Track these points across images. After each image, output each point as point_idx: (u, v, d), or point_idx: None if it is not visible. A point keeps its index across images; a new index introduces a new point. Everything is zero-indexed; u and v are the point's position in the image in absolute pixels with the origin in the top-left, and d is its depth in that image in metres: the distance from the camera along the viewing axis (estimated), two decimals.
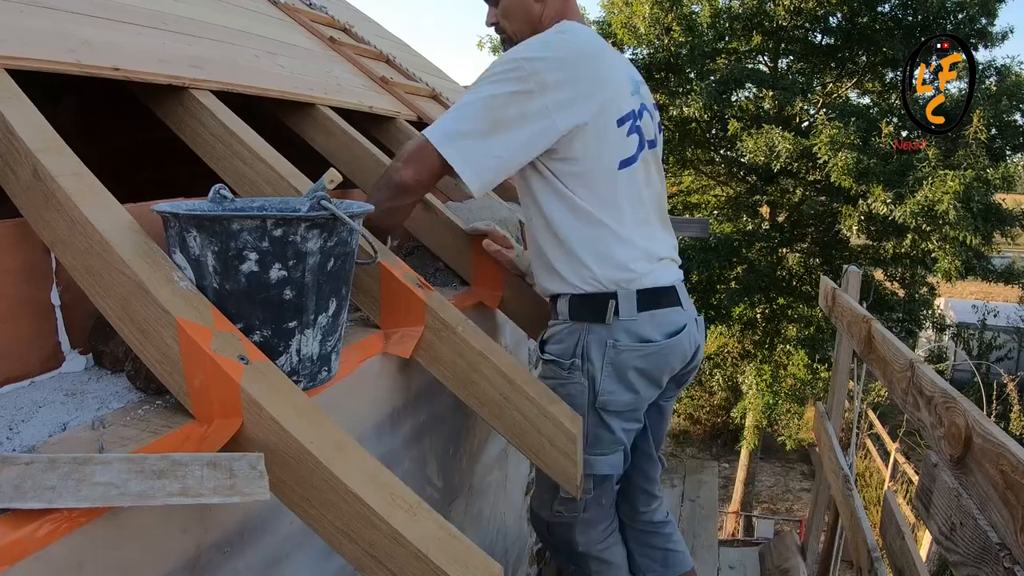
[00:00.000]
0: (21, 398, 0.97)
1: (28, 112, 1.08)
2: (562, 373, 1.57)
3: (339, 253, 1.09)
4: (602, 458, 1.60)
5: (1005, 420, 9.03)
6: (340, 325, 1.16)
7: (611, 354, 1.53)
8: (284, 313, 1.05)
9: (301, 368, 1.10)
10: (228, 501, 0.78)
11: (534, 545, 2.76)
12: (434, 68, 3.83)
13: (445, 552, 0.86)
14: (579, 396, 1.55)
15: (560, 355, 1.57)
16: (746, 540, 6.51)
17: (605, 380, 1.54)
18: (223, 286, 1.02)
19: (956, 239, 7.91)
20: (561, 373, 1.57)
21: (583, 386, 1.55)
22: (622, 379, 1.54)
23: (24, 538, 0.68)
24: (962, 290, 16.72)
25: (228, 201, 1.16)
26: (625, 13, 9.87)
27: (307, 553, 1.20)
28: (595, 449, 1.59)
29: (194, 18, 1.90)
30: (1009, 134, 9.24)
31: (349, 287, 1.18)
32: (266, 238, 0.99)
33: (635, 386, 1.56)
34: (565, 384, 1.56)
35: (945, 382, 1.39)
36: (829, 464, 2.59)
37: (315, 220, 1.02)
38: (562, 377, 1.57)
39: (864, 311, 2.18)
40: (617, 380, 1.54)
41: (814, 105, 10.40)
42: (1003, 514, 1.04)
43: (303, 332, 1.07)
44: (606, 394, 1.55)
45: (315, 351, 1.11)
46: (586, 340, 1.54)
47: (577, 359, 1.55)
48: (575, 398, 1.55)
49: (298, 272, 1.03)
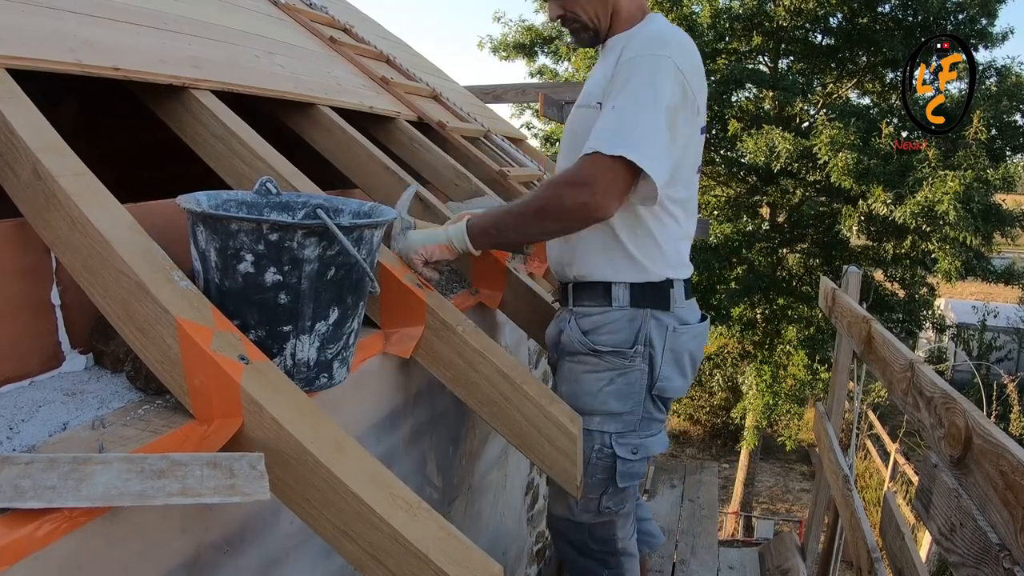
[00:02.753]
0: (21, 398, 0.97)
1: (28, 112, 1.08)
2: (623, 363, 1.55)
3: (342, 263, 1.07)
4: (652, 439, 1.62)
5: (1005, 421, 9.03)
6: (346, 334, 1.15)
7: (671, 339, 1.56)
8: (278, 316, 1.05)
9: (296, 372, 1.10)
10: (228, 501, 0.78)
11: (534, 545, 2.76)
12: (434, 68, 3.83)
13: (445, 552, 0.86)
14: (638, 382, 1.56)
15: (620, 344, 1.56)
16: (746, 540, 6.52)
17: (664, 365, 1.56)
18: (223, 282, 1.04)
19: (956, 240, 7.91)
20: (621, 363, 1.55)
21: (643, 372, 1.56)
22: (679, 363, 1.59)
23: (24, 538, 0.68)
24: (962, 291, 16.73)
25: (273, 195, 1.21)
26: None
27: (307, 553, 1.21)
28: (645, 432, 1.60)
29: (194, 18, 1.90)
30: (1009, 134, 9.23)
31: (360, 297, 1.16)
32: (262, 241, 1.00)
33: (686, 371, 1.61)
34: (625, 372, 1.56)
35: (945, 383, 1.39)
36: (829, 464, 2.59)
37: (311, 228, 1.02)
38: (621, 367, 1.56)
39: (864, 312, 2.18)
40: (674, 364, 1.58)
41: (814, 105, 10.40)
42: (1003, 514, 1.04)
43: (298, 337, 1.07)
44: (664, 380, 1.57)
45: (312, 357, 1.10)
46: (648, 326, 1.55)
47: (640, 346, 1.55)
48: (633, 385, 1.56)
49: (294, 278, 1.03)
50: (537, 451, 1.41)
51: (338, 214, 1.25)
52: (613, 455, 1.57)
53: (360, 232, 1.09)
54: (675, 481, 4.15)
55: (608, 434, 1.57)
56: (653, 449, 1.62)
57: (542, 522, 2.88)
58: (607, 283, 1.57)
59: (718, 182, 11.41)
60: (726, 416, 13.95)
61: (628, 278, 1.55)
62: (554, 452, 1.40)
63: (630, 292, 1.56)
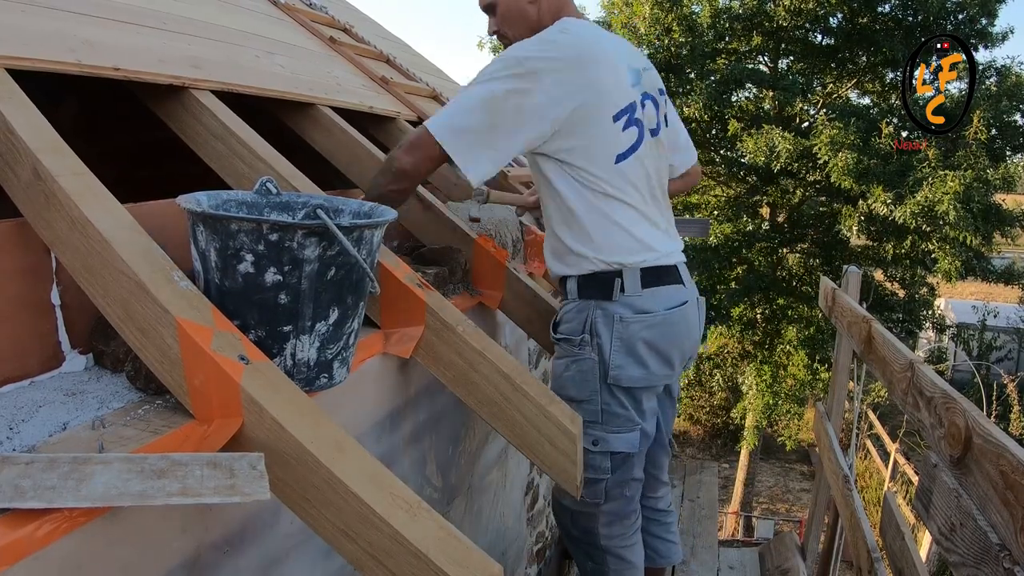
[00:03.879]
0: (21, 398, 0.97)
1: (28, 112, 1.08)
2: (573, 350, 1.64)
3: (343, 263, 1.07)
4: (617, 435, 1.64)
5: (1005, 421, 9.02)
6: (346, 334, 1.15)
7: (619, 328, 1.59)
8: (278, 316, 1.05)
9: (296, 372, 1.09)
10: (228, 501, 0.78)
11: (534, 545, 2.76)
12: (434, 68, 3.83)
13: (445, 552, 0.86)
14: (590, 372, 1.62)
15: (570, 332, 1.64)
16: (746, 540, 6.51)
17: (615, 354, 1.60)
18: (223, 282, 1.04)
19: (956, 239, 7.91)
20: (572, 350, 1.64)
21: (594, 361, 1.61)
22: (631, 352, 1.60)
23: (24, 538, 0.68)
24: (962, 291, 16.72)
25: (273, 195, 1.21)
26: (625, 13, 9.88)
27: (307, 553, 1.21)
28: (609, 426, 1.64)
29: (194, 18, 1.90)
30: (1009, 134, 9.23)
31: (360, 297, 1.16)
32: (262, 242, 1.00)
33: (645, 360, 1.61)
34: (577, 360, 1.63)
35: (945, 383, 1.39)
36: (829, 464, 2.59)
37: (311, 228, 1.02)
38: (573, 354, 1.64)
39: (864, 311, 2.18)
40: (626, 354, 1.60)
41: (814, 105, 10.40)
42: (1003, 514, 1.04)
43: (298, 337, 1.07)
44: (616, 368, 1.60)
45: (312, 357, 1.10)
46: (593, 316, 1.61)
47: (586, 335, 1.62)
48: (587, 374, 1.62)
49: (294, 278, 1.03)
50: (537, 451, 1.41)
51: (338, 214, 1.25)
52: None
53: (360, 232, 1.09)
54: (675, 481, 4.15)
55: None
56: (616, 445, 1.64)
57: (542, 522, 2.88)
58: (564, 277, 1.68)
59: (718, 182, 11.41)
60: (726, 416, 13.95)
61: (574, 271, 1.64)
62: (554, 452, 1.40)
63: (577, 284, 1.64)
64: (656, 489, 1.97)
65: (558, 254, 1.68)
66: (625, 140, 1.57)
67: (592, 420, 1.62)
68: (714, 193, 11.53)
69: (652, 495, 1.95)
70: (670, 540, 2.01)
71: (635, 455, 1.69)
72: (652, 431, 1.73)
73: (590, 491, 1.67)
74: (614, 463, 1.66)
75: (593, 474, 1.65)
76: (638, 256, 1.60)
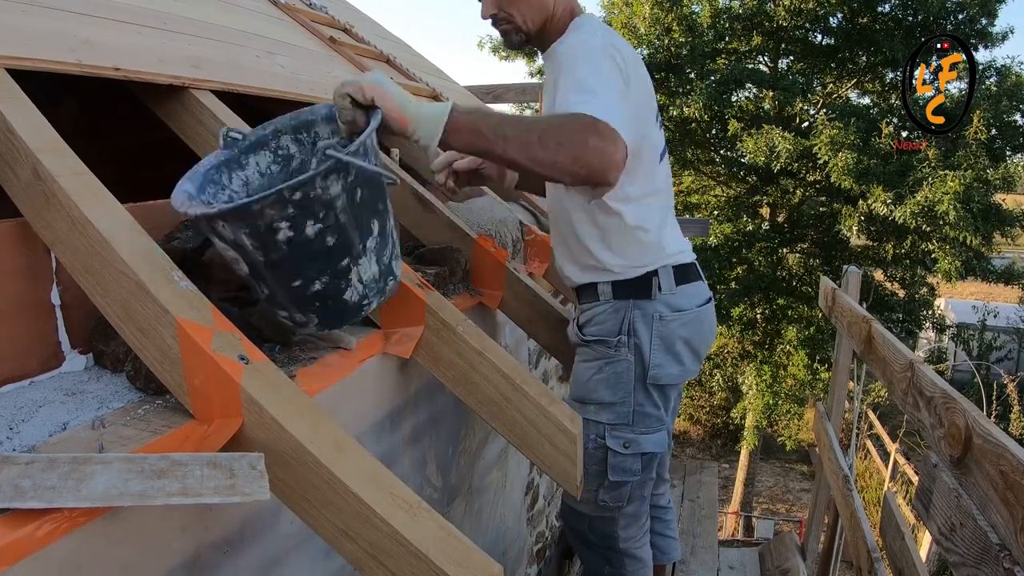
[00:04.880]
0: (21, 398, 0.97)
1: (28, 112, 1.08)
2: (608, 352, 1.61)
3: (364, 181, 1.08)
4: (647, 436, 1.62)
5: (1005, 421, 9.03)
6: (389, 234, 1.19)
7: (658, 327, 1.58)
8: (334, 257, 1.08)
9: (369, 292, 1.15)
10: (228, 501, 0.78)
11: (534, 545, 2.76)
12: (434, 68, 3.83)
13: (445, 552, 0.86)
14: (626, 372, 1.60)
15: (606, 334, 1.61)
16: (746, 540, 6.51)
17: (655, 353, 1.58)
18: (268, 256, 1.04)
19: (956, 239, 7.91)
20: (607, 352, 1.61)
21: (630, 362, 1.59)
22: (670, 350, 1.60)
23: (24, 538, 0.68)
24: (962, 291, 16.72)
25: (241, 140, 1.21)
26: (625, 13, 9.87)
27: (307, 553, 1.21)
28: (639, 427, 1.62)
29: (194, 18, 1.90)
30: (1009, 134, 9.23)
31: (386, 199, 1.19)
32: (289, 206, 0.99)
33: (682, 357, 1.61)
34: (612, 361, 1.60)
35: (945, 383, 1.39)
36: (829, 464, 2.59)
37: (327, 170, 1.00)
38: (608, 356, 1.61)
39: (864, 311, 2.18)
40: (666, 352, 1.59)
41: (814, 105, 10.39)
42: (1003, 514, 1.04)
43: (358, 263, 1.11)
44: (656, 367, 1.59)
45: (375, 271, 1.16)
46: (632, 316, 1.59)
47: (624, 336, 1.59)
48: (621, 375, 1.60)
49: (331, 219, 1.04)
50: (537, 451, 1.41)
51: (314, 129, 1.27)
52: (605, 447, 1.60)
53: (364, 147, 1.08)
54: (675, 481, 4.15)
55: (602, 424, 1.60)
56: (646, 446, 1.62)
57: (542, 522, 2.88)
58: (593, 282, 1.64)
59: (718, 182, 11.41)
60: (726, 416, 13.95)
61: (606, 278, 1.61)
62: (554, 452, 1.40)
63: (612, 286, 1.62)
64: (659, 486, 1.98)
65: (583, 264, 1.63)
66: (661, 140, 1.61)
67: (622, 422, 1.59)
68: (714, 193, 11.53)
69: (654, 492, 1.95)
70: (671, 536, 2.03)
71: (660, 454, 1.69)
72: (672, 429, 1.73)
73: (614, 495, 1.64)
74: (643, 464, 1.64)
75: (621, 477, 1.62)
76: (671, 255, 1.61)
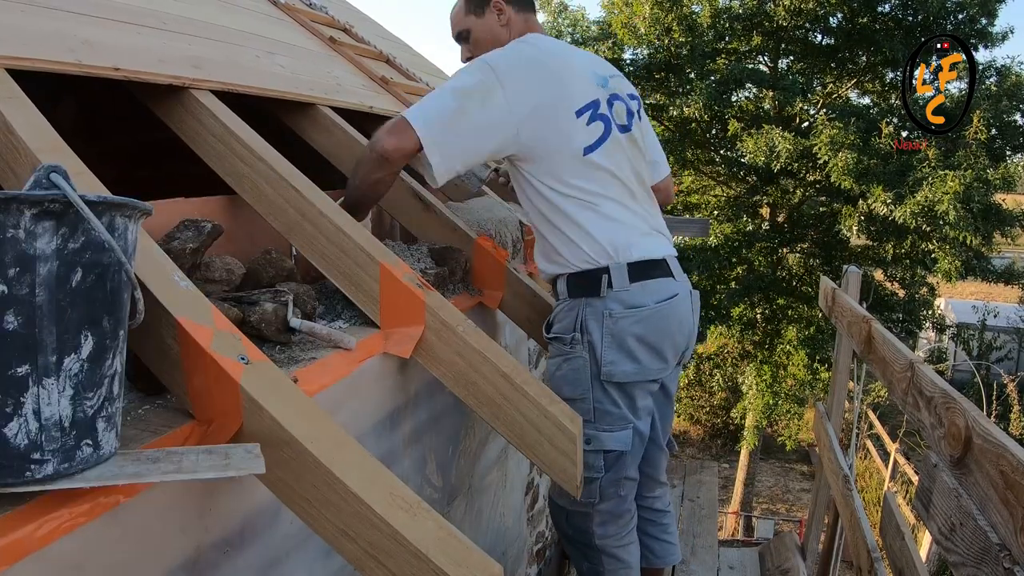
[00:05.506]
0: None
1: (28, 112, 1.08)
2: (565, 348, 1.67)
3: (91, 262, 0.72)
4: (609, 433, 1.65)
5: (1005, 421, 9.04)
6: (108, 376, 0.75)
7: (608, 324, 1.62)
8: (7, 352, 0.67)
9: (45, 441, 0.70)
10: (223, 476, 0.78)
11: (534, 545, 2.76)
12: (434, 68, 3.83)
13: (445, 552, 0.86)
14: (583, 369, 1.64)
15: (562, 331, 1.67)
16: (746, 540, 6.51)
17: (606, 350, 1.62)
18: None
19: (956, 239, 7.91)
20: (564, 348, 1.67)
21: (585, 359, 1.64)
22: (622, 347, 1.62)
23: (24, 538, 0.68)
24: (962, 290, 16.73)
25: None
26: (625, 13, 9.86)
27: (307, 553, 1.20)
28: (602, 424, 1.65)
29: (194, 18, 1.90)
30: (1009, 134, 9.23)
31: (120, 321, 0.77)
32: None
33: (636, 354, 1.63)
34: (569, 358, 1.66)
35: (945, 383, 1.39)
36: (829, 464, 2.59)
37: (46, 205, 0.67)
38: (565, 353, 1.67)
39: (864, 311, 2.18)
40: (617, 349, 1.62)
41: (814, 105, 10.39)
42: (1003, 514, 1.04)
43: (41, 382, 0.69)
44: (608, 364, 1.62)
45: (65, 413, 0.71)
46: (584, 314, 1.64)
47: (577, 333, 1.64)
48: (578, 372, 1.64)
49: (24, 287, 0.67)
50: (537, 451, 1.41)
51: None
52: None
53: (112, 216, 0.73)
54: (675, 481, 4.15)
55: None
56: (608, 444, 1.66)
57: (542, 522, 2.88)
58: (555, 278, 1.72)
59: (718, 182, 11.41)
60: (726, 416, 13.96)
61: (562, 270, 1.68)
62: (554, 452, 1.40)
63: (567, 283, 1.68)
64: (653, 489, 1.97)
65: (547, 255, 1.73)
66: (592, 132, 1.62)
67: (585, 419, 1.62)
68: (714, 193, 11.53)
69: (649, 495, 1.96)
70: (667, 541, 2.01)
71: (628, 454, 1.70)
72: (646, 430, 1.73)
73: (585, 490, 1.67)
74: (607, 461, 1.68)
75: (587, 473, 1.66)
76: (624, 250, 1.63)
